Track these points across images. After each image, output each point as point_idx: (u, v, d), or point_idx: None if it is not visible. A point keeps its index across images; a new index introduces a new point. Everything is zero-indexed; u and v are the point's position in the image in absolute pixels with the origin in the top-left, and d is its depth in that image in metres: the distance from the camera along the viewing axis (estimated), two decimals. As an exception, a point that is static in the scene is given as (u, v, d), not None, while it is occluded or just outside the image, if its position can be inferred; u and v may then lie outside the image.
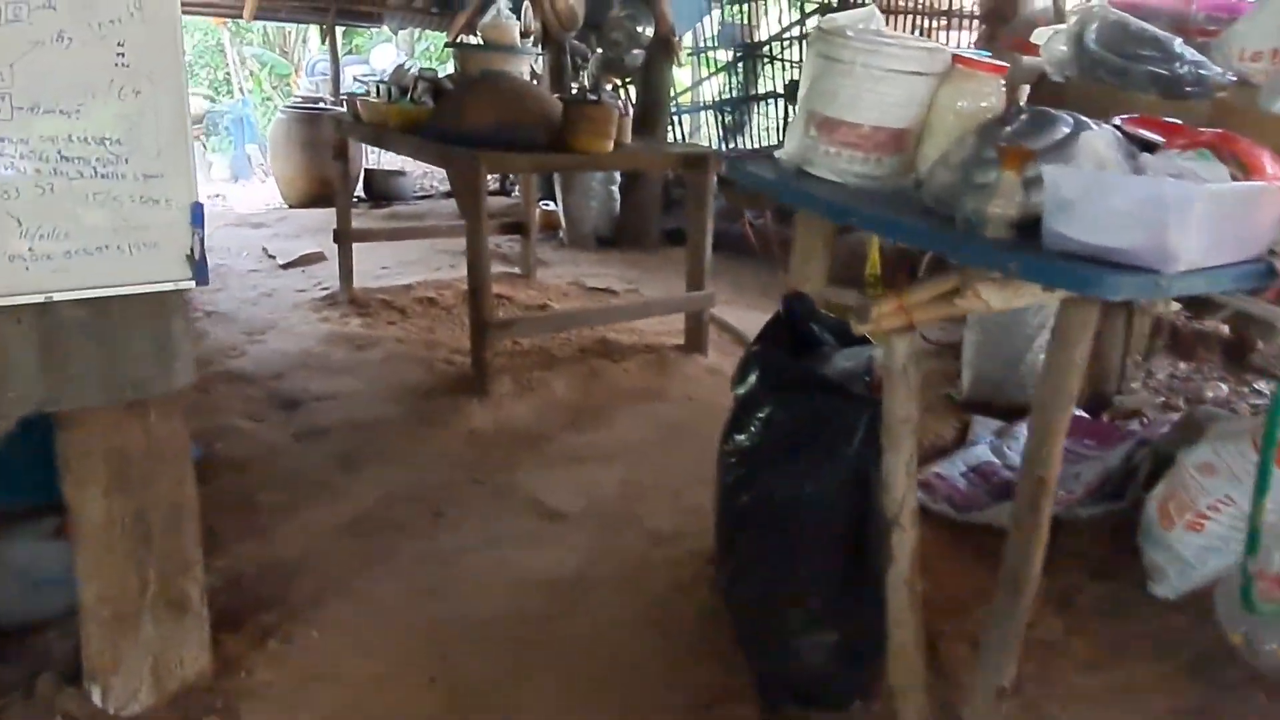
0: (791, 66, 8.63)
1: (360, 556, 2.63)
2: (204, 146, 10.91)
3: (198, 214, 1.78)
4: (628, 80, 7.84)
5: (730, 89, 9.32)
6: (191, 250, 1.78)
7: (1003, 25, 3.71)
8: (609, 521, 2.88)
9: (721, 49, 9.43)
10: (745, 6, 8.87)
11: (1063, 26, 2.52)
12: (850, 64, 1.96)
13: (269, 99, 12.83)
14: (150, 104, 1.70)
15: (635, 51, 6.16)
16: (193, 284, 1.80)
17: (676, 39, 6.26)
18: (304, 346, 4.28)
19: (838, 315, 2.42)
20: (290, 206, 8.35)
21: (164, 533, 1.97)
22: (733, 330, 4.79)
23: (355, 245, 5.12)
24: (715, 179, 4.05)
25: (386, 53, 11.80)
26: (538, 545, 2.74)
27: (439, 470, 3.18)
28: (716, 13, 9.11)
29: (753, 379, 2.10)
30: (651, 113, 6.29)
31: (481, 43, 4.65)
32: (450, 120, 3.85)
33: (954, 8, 7.30)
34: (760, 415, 2.05)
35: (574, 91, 6.36)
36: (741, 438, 2.10)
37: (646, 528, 2.84)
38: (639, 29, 6.10)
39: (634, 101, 8.24)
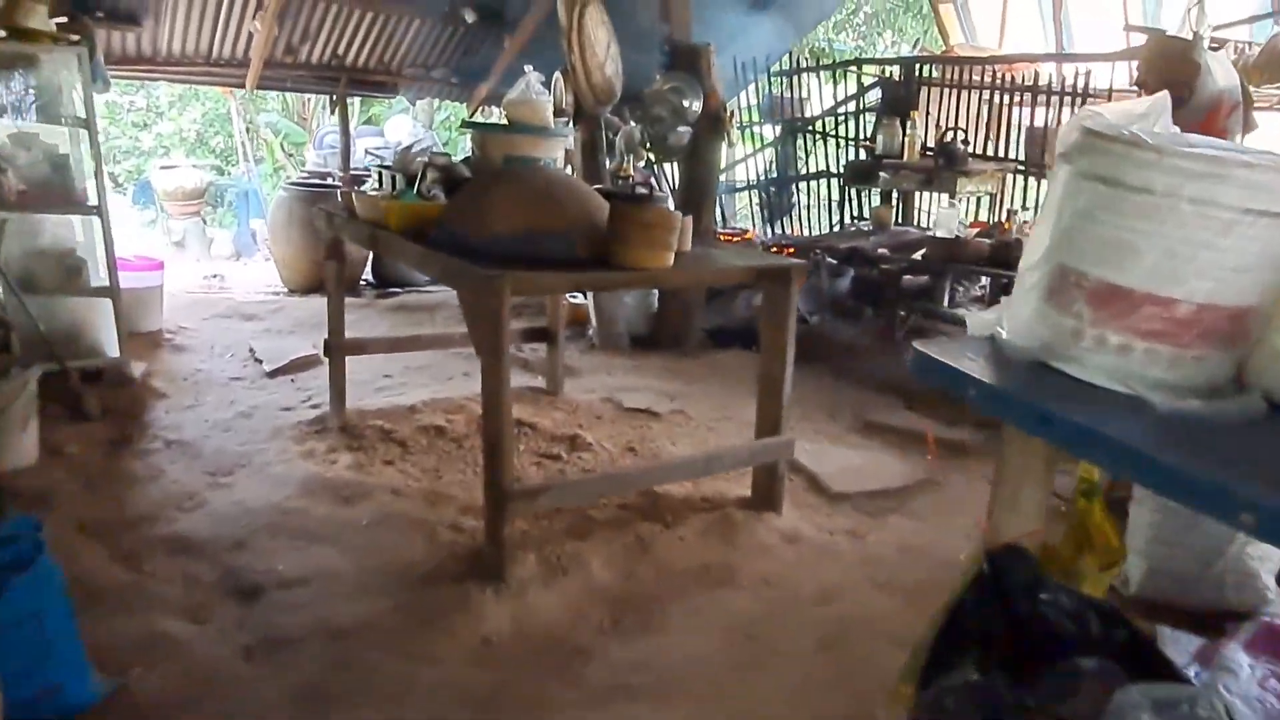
0: (847, 144, 7.87)
1: None
2: (205, 222, 10.20)
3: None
4: (662, 159, 7.07)
5: (776, 167, 8.56)
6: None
7: (1178, 107, 2.85)
8: (681, 826, 1.98)
9: (764, 123, 8.71)
10: (793, 79, 8.15)
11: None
12: (1170, 197, 1.10)
13: (281, 169, 12.15)
14: None
15: (681, 129, 5.34)
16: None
17: (728, 115, 5.48)
18: (277, 499, 3.39)
19: (1073, 581, 1.54)
20: (289, 292, 7.56)
21: None
22: (806, 471, 3.89)
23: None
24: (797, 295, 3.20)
25: (402, 124, 11.15)
26: None
27: (440, 715, 2.29)
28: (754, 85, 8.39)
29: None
30: (697, 198, 5.48)
31: (507, 122, 3.83)
32: (465, 223, 3.02)
33: (1080, 86, 6.36)
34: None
35: (608, 168, 5.56)
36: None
37: (737, 841, 1.94)
38: (685, 104, 5.30)
39: (673, 184, 7.51)
